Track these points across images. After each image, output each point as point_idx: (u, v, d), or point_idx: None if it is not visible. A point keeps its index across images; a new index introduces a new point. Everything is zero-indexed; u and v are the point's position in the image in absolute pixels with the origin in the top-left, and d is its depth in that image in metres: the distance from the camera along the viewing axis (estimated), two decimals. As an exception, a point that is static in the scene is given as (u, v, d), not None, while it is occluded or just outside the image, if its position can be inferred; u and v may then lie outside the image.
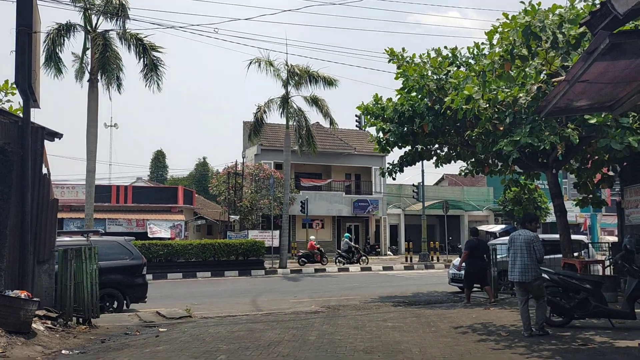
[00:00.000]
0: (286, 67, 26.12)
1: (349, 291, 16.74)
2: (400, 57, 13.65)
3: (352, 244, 29.37)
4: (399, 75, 13.32)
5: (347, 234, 31.52)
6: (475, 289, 15.16)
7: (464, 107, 9.86)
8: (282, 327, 9.52)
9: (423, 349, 7.54)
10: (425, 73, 12.60)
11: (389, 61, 13.72)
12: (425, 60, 13.15)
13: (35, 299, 8.42)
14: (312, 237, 30.17)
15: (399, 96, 13.70)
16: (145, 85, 21.20)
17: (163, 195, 35.10)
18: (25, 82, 8.81)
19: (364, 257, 28.51)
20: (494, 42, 11.17)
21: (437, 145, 15.22)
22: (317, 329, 9.24)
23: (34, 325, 8.30)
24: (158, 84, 21.27)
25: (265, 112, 26.52)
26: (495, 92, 9.66)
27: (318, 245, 28.90)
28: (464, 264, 12.86)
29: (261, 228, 33.04)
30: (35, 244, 9.31)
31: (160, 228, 32.87)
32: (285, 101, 26.53)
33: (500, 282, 14.16)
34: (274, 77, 26.15)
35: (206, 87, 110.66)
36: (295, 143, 27.81)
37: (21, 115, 9.38)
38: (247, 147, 38.50)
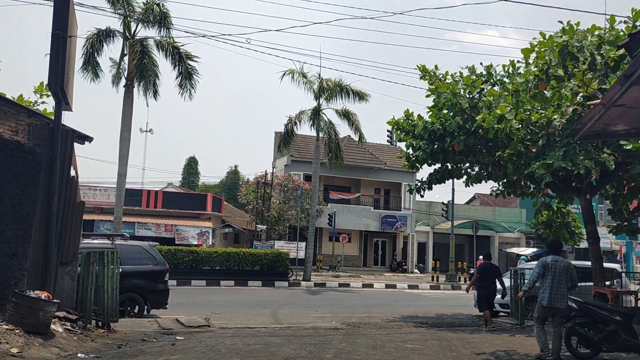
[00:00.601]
0: (318, 79, 26.17)
1: (371, 308, 16.49)
2: (432, 74, 13.48)
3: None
4: (430, 93, 13.16)
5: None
6: (502, 314, 14.76)
7: (495, 126, 9.62)
8: (300, 342, 9.36)
9: (442, 374, 7.29)
10: (458, 91, 12.40)
11: (421, 78, 13.56)
12: (458, 80, 12.94)
13: (55, 300, 8.47)
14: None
15: (429, 113, 13.52)
16: (179, 93, 21.50)
17: (192, 202, 35.38)
18: (58, 84, 8.95)
19: None
20: (530, 60, 10.93)
21: (467, 164, 14.92)
22: (335, 346, 9.06)
23: (52, 326, 8.34)
24: (191, 92, 21.55)
25: (296, 123, 26.61)
26: (528, 113, 9.39)
27: None
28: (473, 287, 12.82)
29: (287, 239, 32.98)
30: (59, 245, 9.41)
31: (187, 234, 33.14)
32: (316, 113, 26.56)
33: (529, 308, 13.72)
34: (306, 89, 26.26)
35: (240, 96, 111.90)
36: (325, 156, 27.76)
37: (53, 117, 9.52)
38: (277, 157, 38.62)
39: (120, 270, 10.23)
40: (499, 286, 12.76)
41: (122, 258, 10.39)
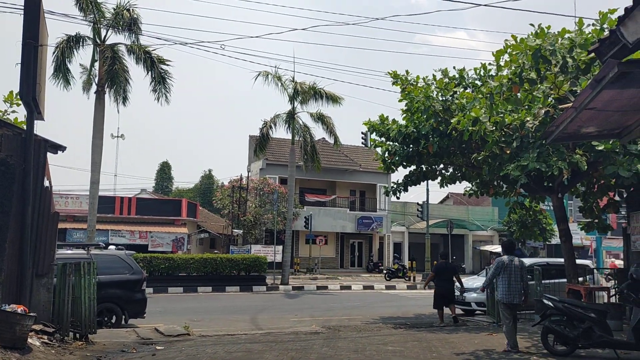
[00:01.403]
0: (293, 83, 26.21)
1: (350, 310, 16.56)
2: (404, 79, 13.64)
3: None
4: (403, 98, 13.31)
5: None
6: (478, 312, 14.99)
7: (470, 128, 9.79)
8: (281, 348, 9.37)
9: (424, 376, 7.37)
10: (431, 94, 12.57)
11: (393, 84, 13.70)
12: (430, 83, 13.13)
13: (31, 313, 8.30)
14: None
15: (403, 116, 13.67)
16: (155, 98, 21.28)
17: (166, 208, 35.07)
18: (30, 94, 8.78)
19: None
20: (502, 63, 11.14)
21: (442, 166, 15.15)
22: (317, 351, 9.08)
23: (29, 340, 8.18)
24: (166, 97, 21.35)
25: (271, 127, 26.61)
26: (502, 115, 9.58)
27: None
28: (431, 284, 13.44)
29: (264, 243, 32.91)
30: (34, 257, 9.22)
31: (162, 241, 32.81)
32: (291, 117, 26.59)
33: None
34: (281, 92, 26.29)
35: (213, 100, 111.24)
36: (301, 159, 27.79)
37: (25, 127, 9.34)
38: (252, 161, 38.51)
39: (97, 280, 10.09)
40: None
41: (98, 268, 10.24)
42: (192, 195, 58.19)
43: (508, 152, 9.94)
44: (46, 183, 9.71)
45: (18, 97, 11.39)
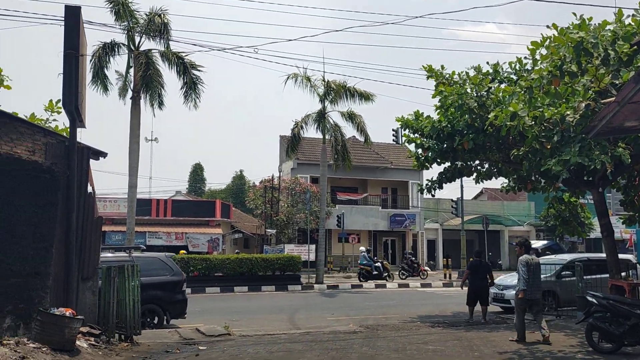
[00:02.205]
0: (323, 82, 26.23)
1: (386, 309, 16.52)
2: (438, 73, 13.52)
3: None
4: (436, 94, 13.20)
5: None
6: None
7: (508, 124, 9.65)
8: (321, 348, 9.42)
9: (467, 375, 7.33)
10: (465, 91, 12.44)
11: (428, 78, 13.60)
12: (465, 78, 12.98)
13: (79, 316, 8.55)
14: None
15: (437, 112, 13.56)
16: (184, 102, 21.59)
17: (201, 209, 35.54)
18: (72, 103, 9.03)
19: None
20: (537, 57, 10.94)
21: (477, 162, 14.97)
22: (357, 350, 9.11)
23: (77, 342, 8.42)
24: (196, 102, 21.62)
25: (302, 127, 26.68)
26: (541, 110, 9.42)
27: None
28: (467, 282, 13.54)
29: (297, 242, 33.05)
30: (80, 261, 9.49)
31: (198, 241, 33.28)
32: (321, 116, 26.62)
33: (545, 303, 13.75)
34: (311, 93, 26.32)
35: (244, 102, 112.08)
36: (332, 158, 27.82)
37: (67, 135, 9.61)
38: (283, 161, 38.71)
39: (140, 282, 10.31)
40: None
41: (140, 270, 10.46)
42: (224, 196, 58.82)
43: (548, 147, 9.76)
44: (89, 189, 9.97)
45: (58, 105, 11.74)
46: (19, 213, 8.09)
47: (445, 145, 13.71)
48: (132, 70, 21.53)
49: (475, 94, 12.49)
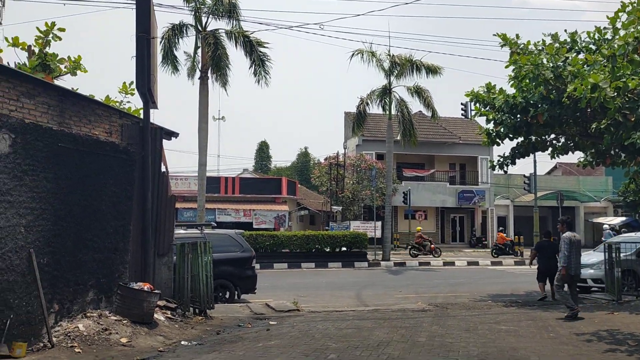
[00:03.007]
0: (388, 57, 25.78)
1: (456, 287, 16.27)
2: (512, 42, 12.91)
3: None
4: (510, 64, 12.62)
5: None
6: (594, 289, 14.17)
7: (588, 95, 9.10)
8: (390, 325, 9.39)
9: (543, 357, 7.10)
10: (540, 61, 11.82)
11: (502, 46, 13.02)
12: (540, 48, 12.32)
13: (156, 291, 8.92)
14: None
15: (510, 83, 12.99)
16: (255, 81, 21.79)
17: (268, 186, 36.10)
18: (145, 85, 9.29)
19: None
20: (618, 25, 10.25)
21: (553, 136, 14.30)
22: (427, 329, 9.01)
23: (155, 315, 8.80)
24: (266, 79, 21.81)
25: (367, 103, 26.43)
26: (624, 80, 8.81)
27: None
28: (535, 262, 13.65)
29: (363, 219, 33.03)
30: (155, 238, 9.85)
31: (265, 218, 33.91)
32: (387, 92, 26.24)
33: (624, 283, 13.10)
34: (376, 68, 25.96)
35: (309, 79, 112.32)
36: (398, 133, 27.43)
37: (141, 116, 9.91)
38: (348, 137, 38.59)
39: (212, 258, 10.60)
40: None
41: (212, 247, 10.75)
42: (289, 173, 59.50)
43: (632, 119, 9.14)
44: (163, 168, 10.29)
45: (132, 87, 12.12)
46: (99, 192, 8.46)
47: (518, 119, 13.15)
48: (199, 51, 21.96)
49: (551, 65, 11.85)
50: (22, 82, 7.31)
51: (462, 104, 29.11)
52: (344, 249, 24.45)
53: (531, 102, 12.36)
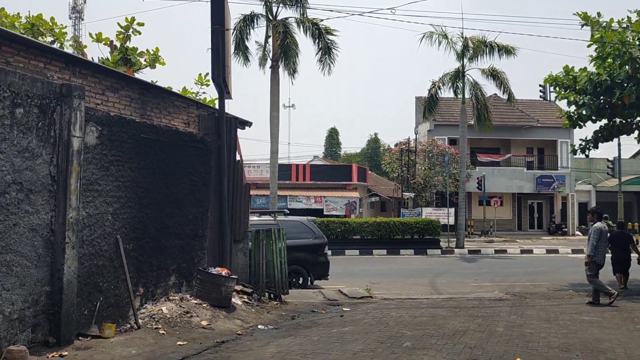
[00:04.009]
0: (461, 39, 25.08)
1: (534, 276, 15.74)
2: (594, 21, 12.22)
3: None
4: (592, 42, 11.97)
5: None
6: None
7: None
8: (466, 314, 9.23)
9: (629, 350, 6.76)
10: (626, 39, 11.13)
11: (582, 26, 12.37)
12: (625, 26, 11.60)
13: (233, 276, 9.21)
14: None
15: (593, 63, 12.33)
16: (319, 68, 21.90)
17: (338, 173, 36.18)
18: (220, 77, 9.54)
19: None
20: None
21: (639, 119, 13.46)
22: (504, 319, 8.80)
23: (232, 300, 9.08)
24: (330, 67, 21.87)
25: (439, 87, 25.88)
26: None
27: None
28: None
29: (435, 205, 32.51)
30: (231, 225, 10.16)
31: (336, 205, 34.07)
32: (459, 75, 25.58)
33: None
34: (447, 51, 25.37)
35: (379, 64, 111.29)
36: (471, 118, 26.71)
37: (216, 107, 10.20)
38: (419, 122, 37.97)
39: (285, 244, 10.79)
40: None
41: (285, 233, 10.93)
42: (359, 160, 59.40)
43: None
44: (237, 157, 10.56)
45: (207, 78, 12.47)
46: (179, 181, 8.80)
47: (602, 101, 12.48)
48: (270, 40, 22.24)
49: (637, 42, 11.14)
50: (107, 76, 7.69)
51: (540, 85, 27.89)
52: (416, 236, 24.19)
53: (617, 81, 11.69)
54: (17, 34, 6.47)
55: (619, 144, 28.20)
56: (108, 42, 11.87)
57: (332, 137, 68.63)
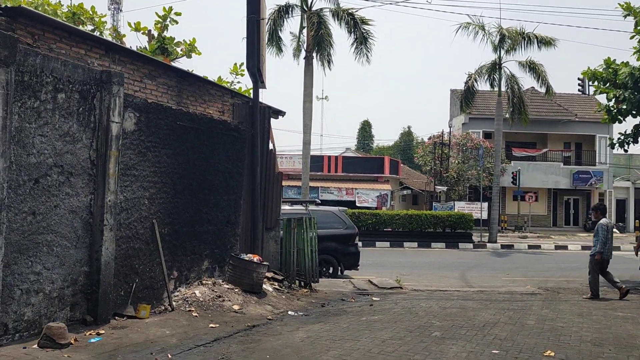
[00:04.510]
0: (498, 30, 24.67)
1: (568, 272, 15.47)
2: (638, 12, 11.88)
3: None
4: (635, 33, 11.65)
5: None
6: None
7: None
8: (497, 307, 9.16)
9: (665, 347, 6.60)
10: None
11: (625, 17, 12.04)
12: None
13: (265, 262, 9.34)
14: None
15: (635, 56, 12.00)
16: (355, 58, 21.88)
17: (370, 165, 36.10)
18: (255, 66, 9.64)
19: None
20: None
21: (682, 113, 13.05)
22: (536, 313, 8.70)
23: (264, 286, 9.22)
24: (367, 56, 21.80)
25: (475, 80, 25.53)
26: None
27: None
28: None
29: (468, 199, 32.16)
30: (263, 212, 10.28)
31: (367, 197, 34.02)
32: (496, 67, 25.20)
33: None
34: (483, 42, 25.12)
35: (413, 56, 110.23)
36: (507, 111, 26.29)
37: (251, 96, 10.31)
38: (454, 115, 37.56)
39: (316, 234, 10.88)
40: None
41: (316, 222, 11.01)
42: (392, 153, 59.07)
43: None
44: (270, 146, 10.67)
45: (242, 68, 12.62)
46: (213, 168, 8.95)
47: (643, 94, 12.14)
48: (305, 31, 22.27)
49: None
50: (145, 64, 7.87)
51: (579, 79, 27.37)
52: (447, 229, 24.02)
53: (660, 75, 11.37)
54: (59, 20, 6.68)
55: (661, 140, 27.34)
56: (146, 32, 12.12)
57: (365, 130, 68.39)
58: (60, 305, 6.36)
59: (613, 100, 12.80)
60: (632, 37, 11.81)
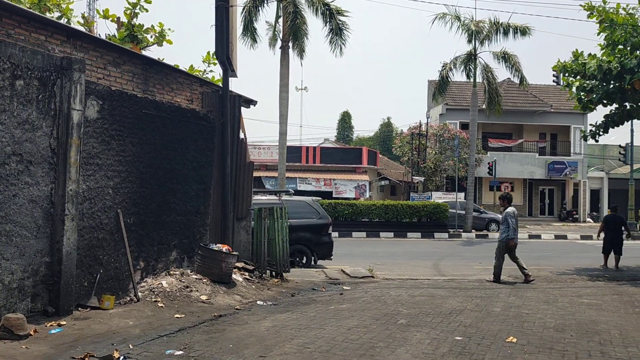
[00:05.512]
0: (473, 21, 24.77)
1: (540, 260, 15.67)
2: (600, 10, 12.02)
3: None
4: (601, 30, 11.80)
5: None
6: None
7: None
8: (465, 295, 9.25)
9: (624, 332, 6.74)
10: (636, 23, 10.94)
11: (588, 17, 12.17)
12: (633, 12, 11.41)
13: (234, 252, 9.28)
14: None
15: (603, 51, 12.16)
16: (330, 49, 21.78)
17: (348, 156, 36.15)
18: (224, 54, 9.53)
19: None
20: None
21: (650, 103, 13.27)
22: (503, 300, 8.81)
23: (233, 276, 9.18)
24: (341, 48, 21.70)
25: (450, 69, 25.67)
26: None
27: None
28: (602, 234, 14.36)
29: (445, 190, 32.40)
30: (234, 202, 10.21)
31: (345, 188, 34.08)
32: (471, 58, 25.32)
33: None
34: (459, 33, 25.15)
35: (392, 47, 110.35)
36: (483, 102, 26.48)
37: (221, 85, 10.20)
38: (431, 106, 37.73)
39: (289, 224, 10.85)
40: None
41: (288, 213, 10.99)
42: (371, 144, 59.23)
43: None
44: (241, 135, 10.58)
45: (214, 57, 12.45)
46: (182, 157, 8.85)
47: (612, 86, 12.31)
48: (280, 20, 22.10)
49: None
50: (109, 51, 7.72)
51: (553, 70, 27.56)
52: (424, 219, 24.18)
53: (627, 67, 11.51)
54: (18, 5, 6.50)
55: (632, 130, 27.82)
56: (115, 19, 11.89)
57: (345, 121, 68.42)
58: (21, 296, 6.25)
59: (582, 91, 12.95)
60: (598, 34, 11.97)
